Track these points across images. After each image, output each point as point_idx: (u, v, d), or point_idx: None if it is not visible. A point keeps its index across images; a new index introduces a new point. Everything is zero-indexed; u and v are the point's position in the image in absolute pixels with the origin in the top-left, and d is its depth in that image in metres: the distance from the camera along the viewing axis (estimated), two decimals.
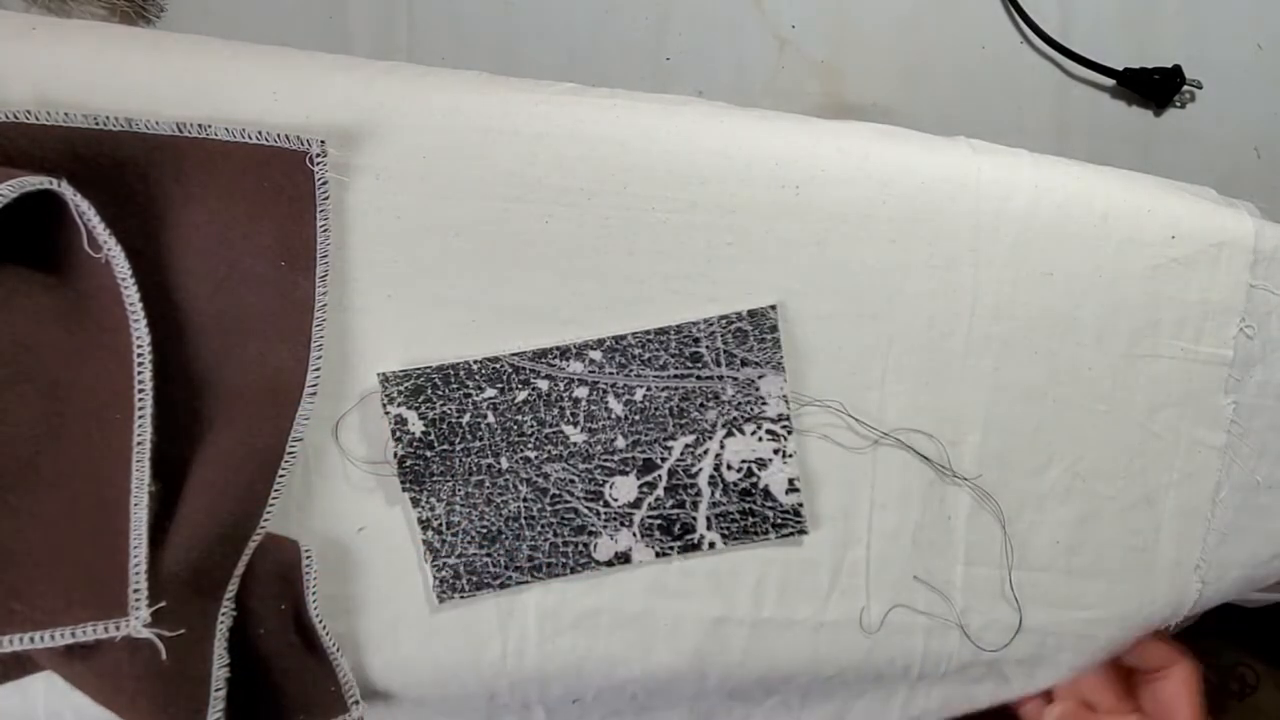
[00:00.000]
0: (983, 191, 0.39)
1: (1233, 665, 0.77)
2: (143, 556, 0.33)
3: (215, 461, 0.36)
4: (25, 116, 0.34)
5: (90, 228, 0.33)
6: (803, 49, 0.56)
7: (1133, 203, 0.40)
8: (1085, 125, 0.57)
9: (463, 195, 0.38)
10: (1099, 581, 0.43)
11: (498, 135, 0.38)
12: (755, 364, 0.39)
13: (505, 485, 0.39)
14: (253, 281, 0.36)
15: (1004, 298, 0.40)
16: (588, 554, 0.40)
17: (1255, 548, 0.44)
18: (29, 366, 0.33)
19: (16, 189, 0.32)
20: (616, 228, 0.38)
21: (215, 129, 0.35)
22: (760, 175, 0.39)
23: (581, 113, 0.38)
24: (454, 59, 0.54)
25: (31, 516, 0.33)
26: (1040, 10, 0.56)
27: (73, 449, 0.34)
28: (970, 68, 0.57)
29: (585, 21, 0.55)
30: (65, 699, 0.37)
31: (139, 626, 0.33)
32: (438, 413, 0.38)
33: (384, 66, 0.38)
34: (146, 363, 0.34)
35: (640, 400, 0.39)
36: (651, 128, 0.38)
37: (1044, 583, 0.42)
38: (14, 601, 0.33)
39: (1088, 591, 0.43)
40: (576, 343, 0.39)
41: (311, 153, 0.36)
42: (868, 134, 0.40)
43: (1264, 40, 0.57)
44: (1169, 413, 0.42)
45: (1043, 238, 0.40)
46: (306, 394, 0.37)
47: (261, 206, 0.36)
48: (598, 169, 0.38)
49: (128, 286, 0.34)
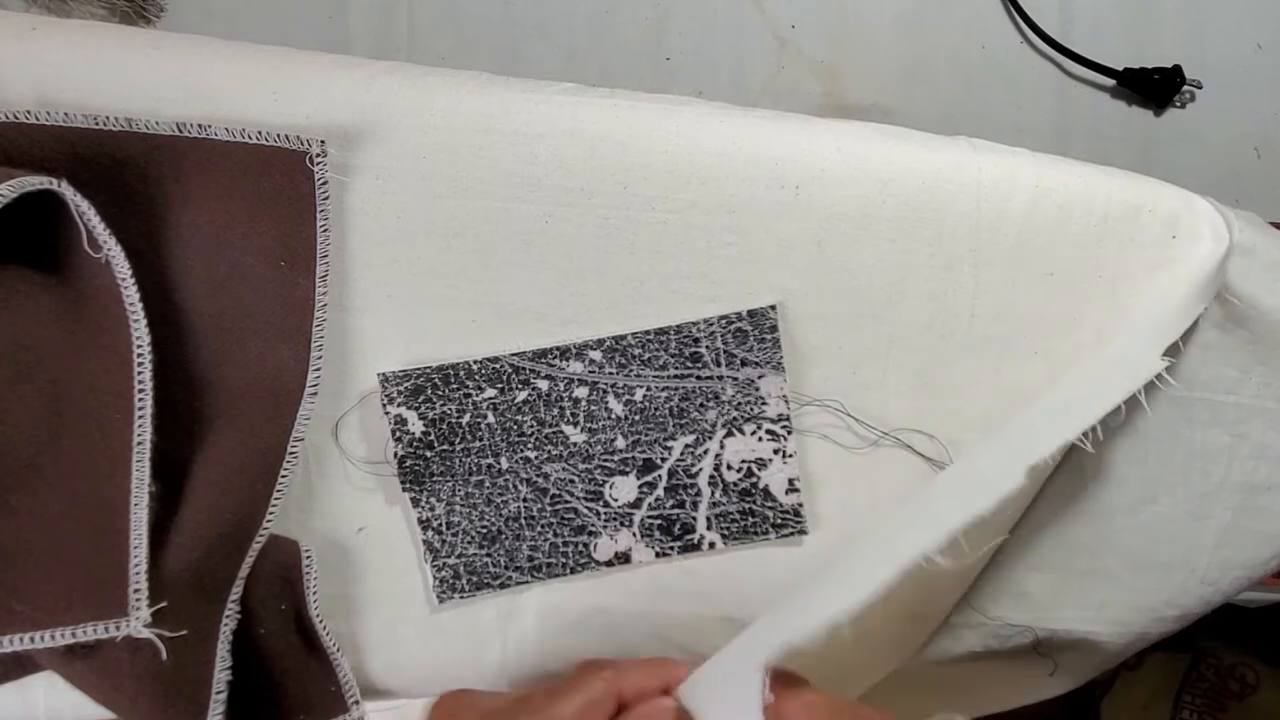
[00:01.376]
0: (983, 191, 0.39)
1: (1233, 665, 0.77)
2: (143, 556, 0.33)
3: (217, 462, 0.36)
4: (25, 116, 0.34)
5: (90, 228, 0.33)
6: (803, 49, 0.56)
7: (1133, 203, 0.40)
8: (1085, 125, 0.57)
9: (463, 195, 0.38)
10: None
11: (498, 135, 0.38)
12: (755, 364, 0.39)
13: (505, 485, 0.39)
14: (253, 281, 0.36)
15: (1004, 298, 0.40)
16: (588, 554, 0.40)
17: (1255, 549, 0.44)
18: (29, 366, 0.33)
19: (16, 189, 0.32)
20: (616, 228, 0.38)
21: (215, 129, 0.35)
22: (760, 175, 0.39)
23: (581, 113, 0.38)
24: (454, 59, 0.54)
25: (32, 516, 0.33)
26: (1040, 10, 0.56)
27: (73, 449, 0.34)
28: (970, 68, 0.57)
29: (585, 22, 0.55)
30: (65, 699, 0.37)
31: (139, 626, 0.33)
32: (438, 413, 0.38)
33: (384, 66, 0.38)
34: (146, 363, 0.34)
35: (640, 400, 0.39)
36: (651, 128, 0.38)
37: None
38: (14, 601, 0.33)
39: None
40: (576, 343, 0.39)
41: (311, 153, 0.36)
42: (868, 134, 0.40)
43: (1264, 40, 0.57)
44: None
45: (1043, 238, 0.40)
46: (307, 394, 0.37)
47: (261, 206, 0.36)
48: (598, 169, 0.38)
49: (128, 286, 0.34)
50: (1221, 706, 0.77)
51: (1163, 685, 0.79)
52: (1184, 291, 0.40)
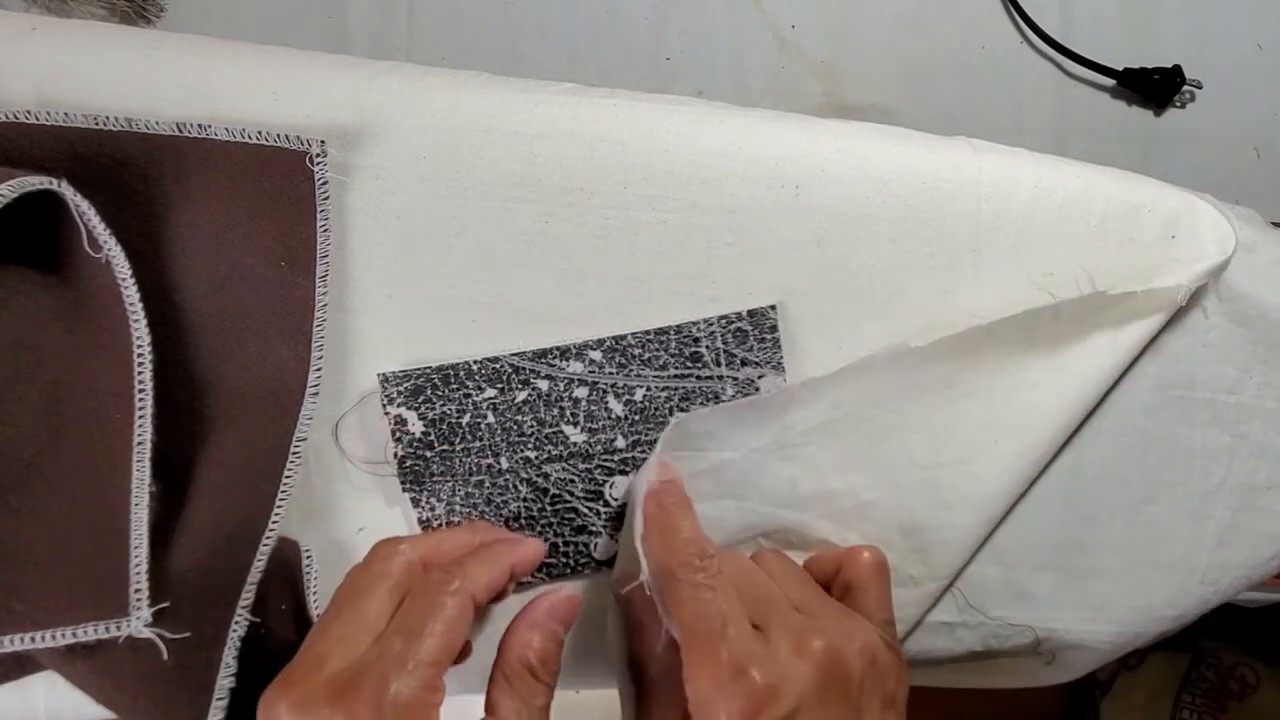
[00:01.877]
0: (983, 191, 0.39)
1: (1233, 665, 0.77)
2: (143, 556, 0.33)
3: (219, 462, 0.36)
4: (25, 116, 0.34)
5: (90, 228, 0.33)
6: (803, 49, 0.56)
7: (1133, 203, 0.40)
8: (1085, 125, 0.57)
9: (463, 195, 0.38)
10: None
11: (498, 135, 0.38)
12: (755, 364, 0.39)
13: (505, 485, 0.39)
14: (253, 281, 0.36)
15: (1004, 298, 0.40)
16: (588, 554, 0.40)
17: (1255, 549, 0.44)
18: (29, 366, 0.33)
19: (16, 189, 0.32)
20: (616, 228, 0.38)
21: (215, 129, 0.35)
22: (760, 175, 0.39)
23: (581, 113, 0.38)
24: (454, 59, 0.54)
25: (32, 516, 0.33)
26: (1040, 10, 0.56)
27: (73, 449, 0.34)
28: (970, 68, 0.57)
29: (585, 21, 0.55)
30: (65, 699, 0.37)
31: (140, 627, 0.33)
32: (437, 413, 0.38)
33: (384, 66, 0.38)
34: (147, 362, 0.34)
35: (640, 400, 0.39)
36: (651, 128, 0.38)
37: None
38: (14, 601, 0.33)
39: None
40: (576, 343, 0.39)
41: (311, 153, 0.36)
42: (868, 134, 0.40)
43: (1264, 40, 0.57)
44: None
45: (1043, 238, 0.40)
46: (308, 394, 0.37)
47: (261, 206, 0.36)
48: (598, 169, 0.38)
49: (128, 286, 0.34)
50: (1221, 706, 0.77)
51: (1163, 685, 0.79)
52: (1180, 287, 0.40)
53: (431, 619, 0.31)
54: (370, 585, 0.32)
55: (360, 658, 0.30)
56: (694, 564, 0.33)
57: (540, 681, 0.33)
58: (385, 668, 0.30)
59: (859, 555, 0.37)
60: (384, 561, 0.33)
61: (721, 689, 0.30)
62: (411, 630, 0.31)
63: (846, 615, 0.34)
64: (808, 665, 0.31)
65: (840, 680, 0.32)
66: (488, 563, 0.34)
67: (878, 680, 0.33)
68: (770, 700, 0.30)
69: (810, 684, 0.31)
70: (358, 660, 0.30)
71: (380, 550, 0.34)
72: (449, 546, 0.35)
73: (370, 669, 0.30)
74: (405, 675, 0.29)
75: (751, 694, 0.30)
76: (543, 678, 0.34)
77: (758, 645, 0.32)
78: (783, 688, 0.30)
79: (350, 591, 0.33)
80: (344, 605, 0.32)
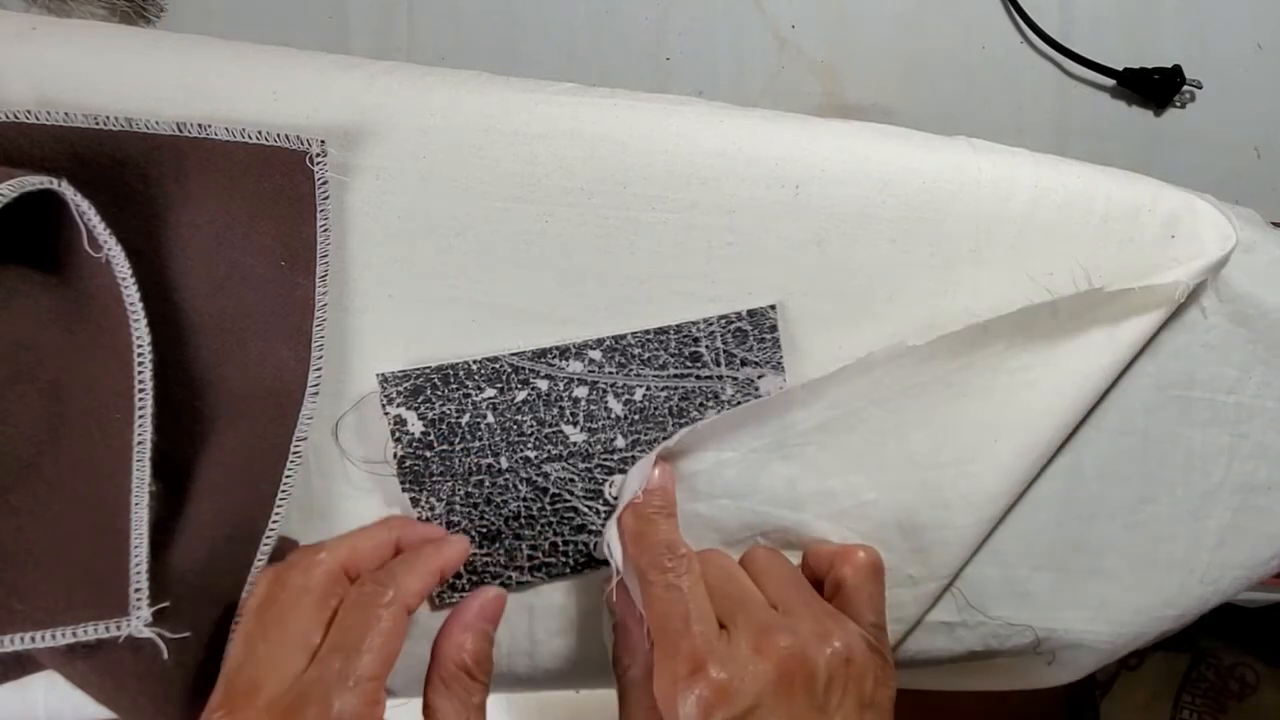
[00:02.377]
0: (983, 191, 0.39)
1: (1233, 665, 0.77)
2: (143, 556, 0.33)
3: (219, 462, 0.36)
4: (25, 116, 0.34)
5: (90, 227, 0.33)
6: (803, 49, 0.56)
7: (1133, 203, 0.40)
8: (1085, 125, 0.57)
9: (463, 195, 0.38)
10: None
11: (498, 135, 0.38)
12: (755, 364, 0.39)
13: (505, 485, 0.39)
14: (253, 281, 0.36)
15: (1004, 298, 0.40)
16: (588, 554, 0.40)
17: (1255, 549, 0.44)
18: (29, 366, 0.33)
19: (16, 189, 0.32)
20: (616, 228, 0.38)
21: (215, 129, 0.35)
22: (760, 175, 0.39)
23: (581, 113, 0.38)
24: (454, 59, 0.54)
25: (32, 516, 0.33)
26: (1040, 10, 0.56)
27: (73, 449, 0.34)
28: (970, 68, 0.57)
29: (585, 21, 0.55)
30: (65, 699, 0.37)
31: (140, 626, 0.33)
32: (437, 413, 0.38)
33: (384, 66, 0.38)
34: (147, 362, 0.34)
35: (640, 400, 0.39)
36: (651, 128, 0.38)
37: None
38: (14, 601, 0.33)
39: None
40: (576, 342, 0.39)
41: (311, 153, 0.36)
42: (868, 134, 0.40)
43: (1264, 40, 0.57)
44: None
45: (1043, 238, 0.40)
46: (308, 394, 0.37)
47: (261, 206, 0.36)
48: (598, 169, 0.38)
49: (128, 286, 0.34)
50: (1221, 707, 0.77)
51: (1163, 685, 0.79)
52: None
53: (368, 634, 0.31)
54: (294, 600, 0.32)
55: (301, 679, 0.30)
56: (663, 564, 0.34)
57: (476, 681, 0.34)
58: (326, 688, 0.30)
59: (853, 554, 0.37)
60: (305, 574, 0.33)
61: (678, 684, 0.31)
62: (349, 647, 0.31)
63: (828, 615, 0.34)
64: (767, 663, 0.31)
65: (805, 679, 0.32)
66: (418, 570, 0.34)
67: (853, 680, 0.33)
68: (726, 696, 0.30)
69: (769, 682, 0.31)
70: (297, 682, 0.30)
71: (299, 562, 0.34)
72: (368, 549, 0.35)
73: (311, 690, 0.30)
74: (347, 693, 0.30)
75: (707, 690, 0.30)
76: (478, 677, 0.34)
77: (720, 643, 0.32)
78: (739, 685, 0.31)
79: (273, 608, 0.32)
80: (269, 623, 0.32)
